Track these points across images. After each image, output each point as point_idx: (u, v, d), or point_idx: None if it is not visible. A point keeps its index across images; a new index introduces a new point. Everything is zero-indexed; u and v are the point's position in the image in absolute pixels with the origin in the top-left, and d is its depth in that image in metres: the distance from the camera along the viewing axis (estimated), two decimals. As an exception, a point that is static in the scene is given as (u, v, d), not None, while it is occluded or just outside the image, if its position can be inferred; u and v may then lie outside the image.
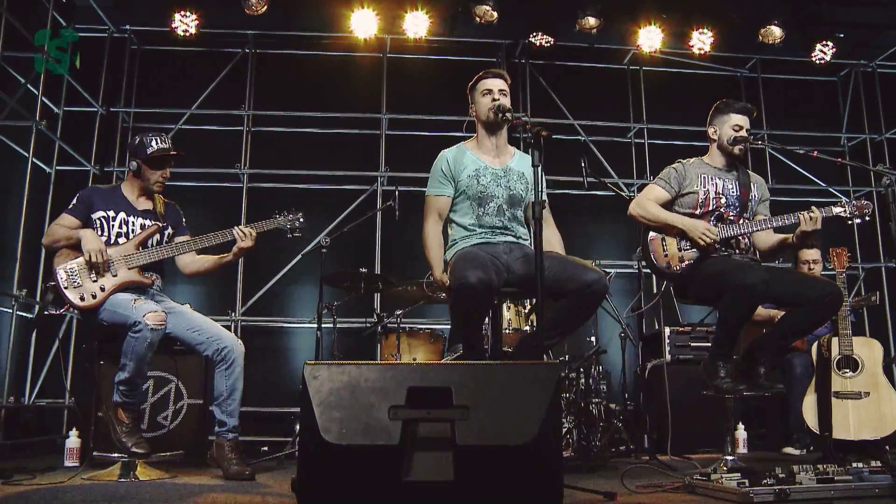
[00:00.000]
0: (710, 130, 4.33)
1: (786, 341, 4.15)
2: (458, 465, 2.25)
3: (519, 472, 2.25)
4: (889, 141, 8.64)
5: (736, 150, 4.25)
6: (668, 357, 6.06)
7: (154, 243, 4.34)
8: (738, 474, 3.20)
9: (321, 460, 2.29)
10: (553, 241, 4.03)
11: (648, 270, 4.53)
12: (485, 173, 3.91)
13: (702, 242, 4.05)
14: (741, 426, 5.82)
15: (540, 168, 3.20)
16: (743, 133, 4.24)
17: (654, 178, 4.39)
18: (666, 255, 4.20)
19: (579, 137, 8.14)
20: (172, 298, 4.48)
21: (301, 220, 4.48)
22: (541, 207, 3.15)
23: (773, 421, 6.11)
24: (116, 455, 4.10)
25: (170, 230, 4.47)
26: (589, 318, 3.79)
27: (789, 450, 5.60)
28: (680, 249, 4.16)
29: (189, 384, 5.29)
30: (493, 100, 3.86)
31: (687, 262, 4.14)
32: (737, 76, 8.69)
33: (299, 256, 7.17)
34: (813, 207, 4.01)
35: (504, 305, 5.24)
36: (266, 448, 5.90)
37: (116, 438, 4.06)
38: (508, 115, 3.76)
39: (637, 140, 8.41)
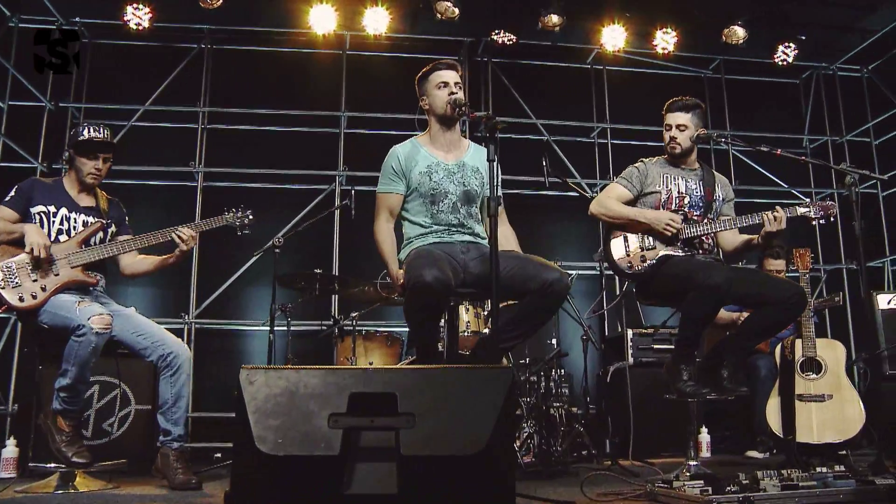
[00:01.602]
0: (663, 132, 4.28)
1: (749, 342, 4.07)
2: (402, 476, 2.09)
3: (468, 484, 2.10)
4: (850, 143, 8.69)
5: (668, 149, 4.20)
6: (630, 360, 5.97)
7: (97, 241, 4.15)
8: (701, 481, 3.10)
9: (256, 472, 2.12)
10: (510, 237, 3.91)
11: (611, 272, 4.41)
12: (437, 169, 3.76)
13: (667, 233, 3.95)
14: (704, 429, 5.76)
15: (496, 163, 3.06)
16: (673, 132, 4.17)
17: (616, 178, 4.30)
18: (628, 255, 4.10)
19: (542, 137, 8.04)
20: (120, 300, 4.29)
21: (251, 216, 4.35)
22: (496, 204, 3.01)
23: (736, 423, 6.05)
24: (54, 465, 3.90)
25: (113, 228, 4.28)
26: (549, 318, 3.66)
27: (753, 453, 5.56)
28: (642, 249, 4.07)
29: (136, 389, 5.10)
30: (451, 93, 3.72)
31: (650, 262, 4.04)
32: (700, 77, 8.65)
33: (255, 257, 6.97)
34: (777, 207, 3.93)
35: (462, 308, 5.12)
36: (219, 454, 5.71)
37: (55, 448, 3.84)
38: (465, 109, 3.62)
39: (600, 140, 8.34)
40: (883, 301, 5.41)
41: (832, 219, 3.97)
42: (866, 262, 4.11)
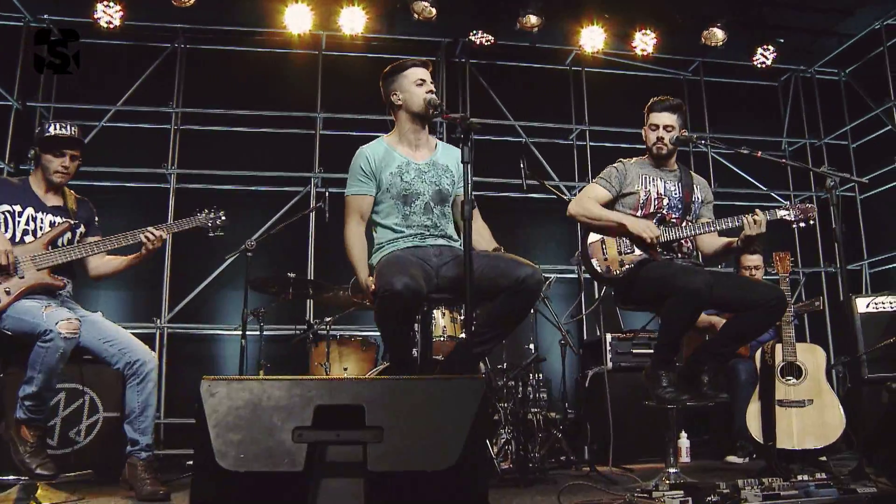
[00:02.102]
0: (643, 132, 4.19)
1: (730, 347, 4.01)
2: (369, 493, 1.99)
3: (438, 501, 2.01)
4: (828, 146, 8.69)
5: (654, 149, 4.10)
6: (609, 364, 5.89)
7: (64, 242, 4.00)
8: (681, 492, 3.02)
9: (216, 489, 2.02)
10: (482, 233, 3.83)
11: (589, 275, 4.33)
12: (408, 169, 3.67)
13: (645, 237, 3.86)
14: (684, 434, 5.69)
15: (469, 166, 2.97)
16: (660, 132, 4.09)
17: (595, 178, 4.21)
18: (606, 259, 4.01)
19: (520, 139, 7.98)
20: (88, 303, 4.16)
21: (223, 217, 4.23)
22: (471, 207, 2.93)
23: (716, 428, 5.99)
24: (14, 478, 3.76)
25: (81, 229, 4.12)
26: (524, 317, 3.55)
27: (732, 458, 5.50)
28: (620, 253, 3.98)
29: (105, 396, 4.92)
30: (429, 91, 3.63)
31: (628, 266, 3.96)
32: (679, 79, 8.62)
33: (228, 261, 6.83)
34: (757, 211, 3.87)
35: (438, 312, 5.04)
36: (192, 462, 5.55)
37: (18, 460, 3.68)
38: (441, 110, 3.53)
39: (579, 142, 8.29)
40: (862, 305, 5.37)
41: (811, 222, 3.91)
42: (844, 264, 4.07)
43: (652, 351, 4.63)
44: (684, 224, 4.04)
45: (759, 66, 7.98)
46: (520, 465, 4.55)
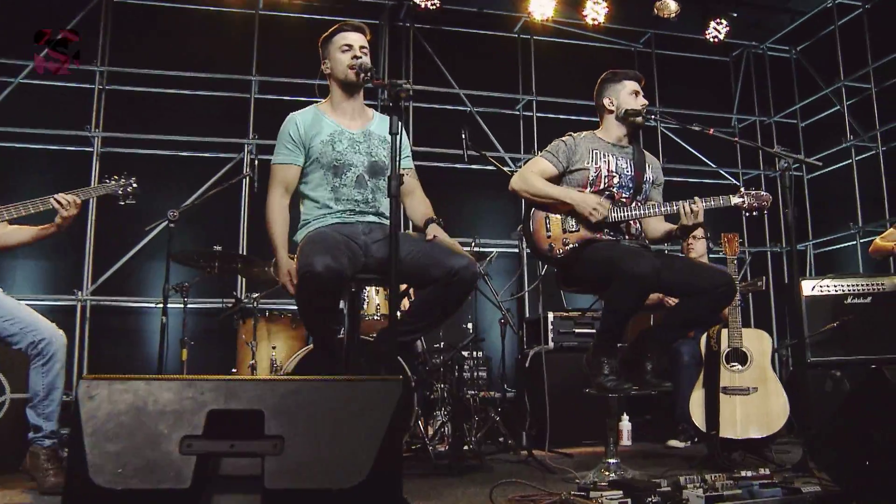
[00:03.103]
0: (606, 101, 3.92)
1: (675, 334, 3.87)
2: (266, 514, 1.74)
3: (346, 522, 1.76)
4: (777, 124, 8.64)
5: (638, 118, 3.86)
6: (550, 344, 5.71)
7: None
8: (620, 492, 2.84)
9: (89, 509, 1.74)
10: (419, 206, 3.59)
11: (530, 252, 4.11)
12: (340, 138, 3.42)
13: (592, 219, 3.64)
14: (625, 417, 5.58)
15: (400, 137, 2.71)
16: (642, 99, 3.88)
17: (541, 152, 3.96)
18: (549, 237, 3.76)
19: (465, 108, 7.72)
20: (3, 275, 3.80)
21: (134, 185, 3.88)
22: (398, 183, 2.67)
23: (658, 409, 5.89)
24: None
25: None
26: (457, 308, 3.34)
27: (674, 442, 5.40)
28: (564, 231, 3.74)
29: (13, 376, 4.55)
30: (354, 57, 3.37)
31: (572, 245, 3.71)
32: (631, 50, 8.44)
33: (155, 232, 6.48)
34: (696, 198, 3.66)
35: (372, 289, 4.80)
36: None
37: None
38: (370, 75, 3.26)
39: (525, 113, 8.10)
40: (807, 287, 5.28)
41: (766, 211, 3.74)
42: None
43: (594, 331, 4.45)
44: (634, 205, 3.82)
45: (711, 40, 7.86)
46: (455, 450, 4.36)
